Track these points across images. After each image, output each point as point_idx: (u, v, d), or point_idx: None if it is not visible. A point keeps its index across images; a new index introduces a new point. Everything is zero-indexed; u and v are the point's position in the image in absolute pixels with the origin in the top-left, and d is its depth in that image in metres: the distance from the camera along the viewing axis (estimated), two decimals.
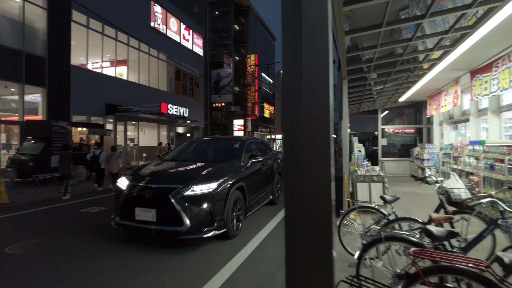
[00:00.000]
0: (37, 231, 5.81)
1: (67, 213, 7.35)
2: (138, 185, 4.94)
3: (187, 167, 5.76)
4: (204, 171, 5.28)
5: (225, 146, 7.16)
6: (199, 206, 4.67)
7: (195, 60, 28.01)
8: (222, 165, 5.67)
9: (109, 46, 18.68)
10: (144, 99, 20.71)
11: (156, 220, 4.63)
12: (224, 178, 5.10)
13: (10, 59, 13.26)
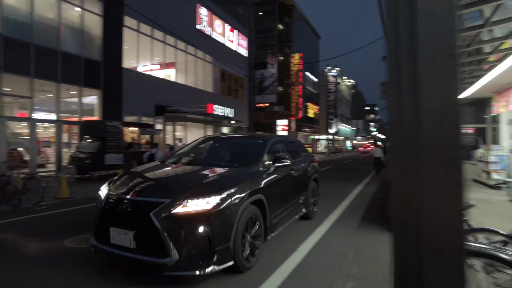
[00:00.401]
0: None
1: None
2: (115, 196, 3.70)
3: (187, 173, 4.40)
4: (205, 180, 3.90)
5: (242, 146, 5.51)
6: (193, 230, 3.30)
7: (239, 61, 28.25)
8: (233, 171, 4.15)
9: (158, 49, 19.39)
10: (191, 100, 21.23)
11: (134, 246, 3.35)
12: (232, 190, 3.63)
13: (72, 64, 14.22)
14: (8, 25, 12.10)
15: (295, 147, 6.30)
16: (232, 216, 3.54)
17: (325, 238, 5.10)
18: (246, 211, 3.72)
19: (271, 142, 5.10)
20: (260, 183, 4.13)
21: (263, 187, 4.16)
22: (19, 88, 13.02)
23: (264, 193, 4.14)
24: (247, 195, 3.79)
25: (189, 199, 3.39)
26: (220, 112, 21.22)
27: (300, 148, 6.62)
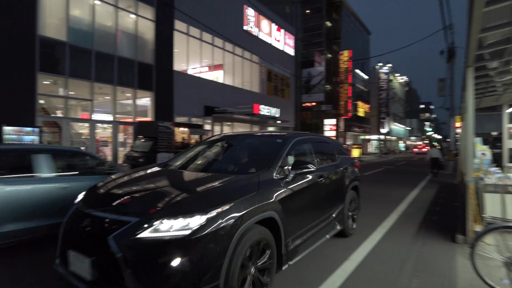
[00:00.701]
0: None
1: None
2: (80, 211, 2.92)
3: (176, 181, 3.48)
4: (192, 192, 2.94)
5: (256, 147, 4.33)
6: (166, 263, 2.35)
7: (286, 60, 28.02)
8: (235, 180, 3.13)
9: (207, 51, 19.86)
10: (238, 100, 21.47)
11: (91, 278, 2.52)
12: (226, 206, 2.66)
13: (127, 68, 15.08)
14: (73, 34, 13.12)
15: (328, 149, 5.09)
16: (224, 243, 2.53)
17: (380, 246, 4.75)
18: (248, 234, 2.72)
19: (292, 142, 3.96)
20: (272, 196, 3.10)
21: (276, 201, 3.13)
22: (82, 92, 14.08)
23: (278, 209, 3.13)
24: (250, 213, 2.77)
25: (162, 219, 2.43)
26: (266, 112, 21.19)
27: (336, 149, 5.29)
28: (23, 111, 11.47)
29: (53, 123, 14.23)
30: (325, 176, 4.28)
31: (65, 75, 12.77)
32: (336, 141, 5.97)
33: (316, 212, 4.08)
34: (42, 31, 12.07)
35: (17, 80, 11.33)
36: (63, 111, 13.74)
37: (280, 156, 3.60)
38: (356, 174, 5.53)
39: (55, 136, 14.06)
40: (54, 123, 14.19)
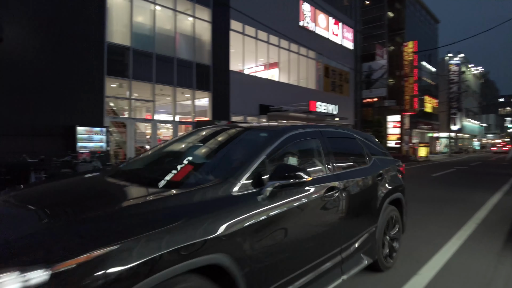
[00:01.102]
0: None
1: None
2: None
3: (73, 200, 2.14)
4: (57, 223, 1.69)
5: (226, 144, 3.06)
6: None
7: (344, 54, 26.82)
8: (148, 200, 1.98)
9: (262, 49, 19.75)
10: (294, 98, 21.03)
11: None
12: (96, 252, 1.37)
13: (185, 70, 15.56)
14: (136, 39, 13.88)
15: (352, 147, 3.56)
16: None
17: (456, 258, 4.03)
18: None
19: (284, 138, 2.62)
20: (220, 227, 1.81)
21: (232, 235, 1.85)
22: (144, 93, 14.84)
23: (236, 249, 1.88)
24: (162, 260, 1.53)
25: None
26: (324, 110, 20.42)
27: (366, 147, 3.69)
28: (93, 112, 12.39)
29: (120, 123, 15.23)
30: (341, 187, 2.84)
31: (129, 78, 13.55)
32: (367, 136, 4.06)
33: (321, 245, 2.63)
34: (109, 38, 12.94)
35: (87, 84, 12.26)
36: (128, 112, 14.60)
37: (253, 159, 2.27)
38: (398, 183, 3.97)
39: (122, 136, 15.05)
40: (121, 123, 15.18)
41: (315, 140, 2.97)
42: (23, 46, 10.92)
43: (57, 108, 11.53)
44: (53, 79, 11.45)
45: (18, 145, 10.44)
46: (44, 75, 11.26)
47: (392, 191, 3.73)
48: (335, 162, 2.99)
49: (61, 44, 11.61)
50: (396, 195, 3.83)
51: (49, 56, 11.41)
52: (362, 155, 3.58)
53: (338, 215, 2.80)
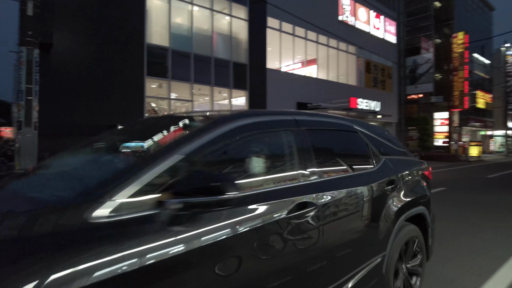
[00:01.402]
0: None
1: None
2: None
3: None
4: None
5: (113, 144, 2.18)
6: None
7: (387, 49, 25.54)
8: None
9: (299, 46, 19.31)
10: (333, 95, 20.38)
11: None
12: None
13: (223, 69, 15.60)
14: (174, 39, 14.13)
15: (350, 143, 2.57)
16: None
17: None
18: None
19: (224, 130, 1.68)
20: None
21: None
22: (183, 93, 15.08)
23: None
24: None
25: None
26: (365, 106, 19.53)
27: (372, 143, 2.62)
28: (134, 112, 12.76)
29: None
30: (321, 202, 1.87)
31: (168, 78, 13.82)
32: (377, 128, 2.96)
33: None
34: (149, 39, 13.28)
35: (129, 85, 12.67)
36: (167, 112, 14.90)
37: (152, 162, 1.41)
38: (421, 192, 2.89)
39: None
40: None
41: (286, 133, 1.99)
42: (70, 50, 11.51)
43: (102, 109, 12.01)
44: (97, 81, 11.96)
45: (64, 145, 10.98)
46: (89, 77, 11.78)
47: (411, 205, 2.65)
48: (317, 166, 2.02)
49: (104, 47, 12.09)
50: (418, 209, 2.73)
51: (93, 59, 11.94)
52: (365, 155, 2.54)
53: (313, 247, 1.79)
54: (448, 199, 8.27)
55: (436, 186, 10.69)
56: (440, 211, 6.61)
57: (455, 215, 6.23)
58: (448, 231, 4.91)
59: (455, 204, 7.40)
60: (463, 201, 7.83)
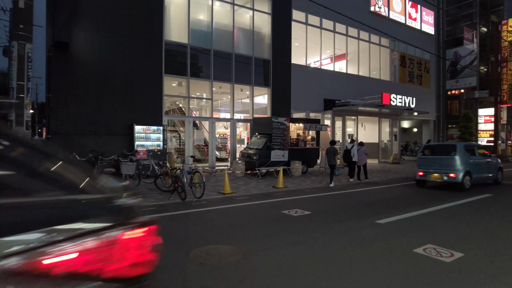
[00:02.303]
0: (235, 229, 5.40)
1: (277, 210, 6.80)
2: None
3: None
4: None
5: None
6: None
7: (424, 40, 23.64)
8: None
9: (327, 40, 18.21)
10: (364, 91, 19.12)
11: None
12: None
13: (244, 65, 14.97)
14: (194, 36, 13.68)
15: None
16: None
17: None
18: None
19: None
20: None
21: None
22: (203, 91, 14.65)
23: None
24: None
25: None
26: (399, 103, 18.06)
27: None
28: (152, 111, 12.46)
29: (183, 122, 15.32)
30: None
31: (187, 76, 13.40)
32: None
33: None
34: (167, 36, 12.93)
35: (147, 83, 12.37)
36: (186, 111, 14.52)
37: None
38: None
39: (182, 134, 15.10)
40: (183, 122, 15.24)
41: None
42: (86, 48, 11.37)
43: (119, 107, 11.82)
44: (115, 80, 11.76)
45: (87, 144, 10.89)
46: (107, 76, 11.61)
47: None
48: None
49: (124, 45, 11.88)
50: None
51: (110, 58, 11.74)
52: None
53: None
54: (496, 206, 7.14)
55: (479, 192, 9.38)
56: (486, 228, 5.54)
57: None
58: None
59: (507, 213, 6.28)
60: None
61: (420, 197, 8.98)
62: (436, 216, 6.51)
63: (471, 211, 7.15)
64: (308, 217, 6.31)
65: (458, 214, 6.72)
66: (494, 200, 8.56)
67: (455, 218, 6.35)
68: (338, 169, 11.50)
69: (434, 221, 6.06)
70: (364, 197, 9.04)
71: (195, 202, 7.91)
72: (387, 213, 6.59)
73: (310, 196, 8.93)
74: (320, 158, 14.69)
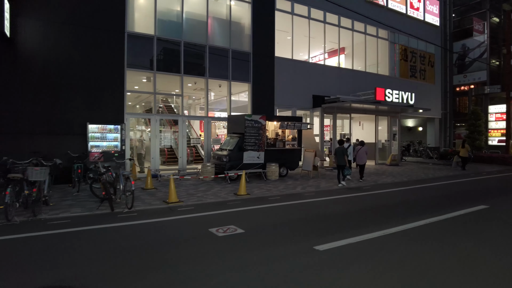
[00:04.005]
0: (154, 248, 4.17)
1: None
2: None
3: None
4: None
5: None
6: None
7: (427, 32, 21.89)
8: None
9: (317, 31, 16.77)
10: (359, 87, 17.61)
11: None
12: None
13: (219, 58, 13.74)
14: (161, 26, 12.52)
15: None
16: None
17: None
18: None
19: None
20: None
21: None
22: (172, 87, 13.48)
23: None
24: None
25: None
26: (395, 99, 16.48)
27: None
28: (112, 108, 11.35)
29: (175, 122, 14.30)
30: None
31: (153, 70, 12.26)
32: None
33: None
34: (130, 27, 11.81)
35: (107, 78, 11.28)
36: (153, 109, 13.38)
37: None
38: None
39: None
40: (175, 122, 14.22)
41: None
42: (40, 41, 10.34)
43: (80, 105, 10.79)
44: (70, 74, 10.71)
45: (35, 145, 9.88)
46: (60, 70, 10.56)
47: None
48: None
49: (81, 37, 10.84)
50: None
51: (65, 50, 10.69)
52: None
53: None
54: (490, 221, 5.68)
55: (474, 203, 7.85)
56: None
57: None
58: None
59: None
60: None
61: (398, 208, 7.56)
62: (401, 239, 5.12)
63: (451, 229, 5.72)
64: (235, 238, 5.03)
65: (433, 236, 5.31)
66: (490, 214, 7.07)
67: (427, 242, 4.96)
68: (348, 169, 10.91)
69: (394, 247, 4.69)
70: (330, 207, 7.69)
71: (124, 213, 6.73)
72: (341, 233, 5.25)
73: (269, 206, 7.64)
74: (303, 159, 13.32)
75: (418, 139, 24.12)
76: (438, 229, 5.67)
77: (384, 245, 4.71)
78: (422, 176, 13.37)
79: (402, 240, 4.97)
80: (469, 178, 13.14)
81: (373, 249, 4.53)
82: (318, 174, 12.76)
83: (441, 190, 10.19)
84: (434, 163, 19.52)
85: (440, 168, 16.59)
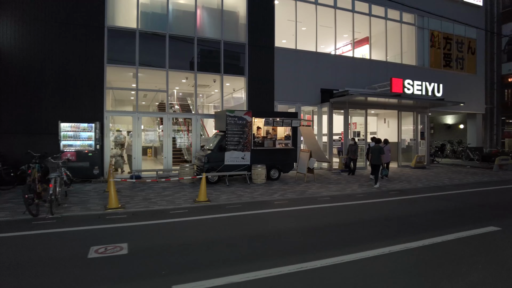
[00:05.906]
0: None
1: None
2: None
3: None
4: None
5: None
6: None
7: (467, 14, 18.96)
8: None
9: (325, 15, 15.06)
10: (378, 79, 15.57)
11: None
12: None
13: (210, 51, 12.78)
14: (144, 19, 11.84)
15: None
16: None
17: None
18: None
19: None
20: None
21: None
22: (159, 82, 12.77)
23: None
24: None
25: None
26: (418, 91, 14.25)
27: None
28: (92, 105, 10.88)
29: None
30: None
31: (135, 65, 11.62)
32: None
33: None
34: (110, 21, 11.27)
35: (86, 75, 10.85)
36: (135, 106, 12.73)
37: None
38: None
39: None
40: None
41: None
42: (12, 38, 10.14)
43: (56, 103, 10.49)
44: (47, 71, 10.41)
45: (16, 143, 9.72)
46: (36, 66, 10.29)
47: None
48: None
49: (58, 33, 10.53)
50: None
51: (45, 48, 10.43)
52: None
53: None
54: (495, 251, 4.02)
55: (482, 222, 5.95)
56: None
57: None
58: None
59: None
60: None
61: (376, 228, 5.97)
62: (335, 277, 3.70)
63: (442, 263, 4.13)
64: (107, 261, 3.97)
65: (409, 269, 3.80)
66: (498, 239, 5.26)
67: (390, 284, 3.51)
68: (385, 169, 10.82)
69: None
70: (279, 223, 6.32)
71: (47, 219, 6.03)
72: (232, 266, 3.96)
73: (211, 217, 6.47)
74: (298, 160, 11.86)
75: (458, 138, 21.15)
76: (418, 258, 4.11)
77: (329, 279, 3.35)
78: (444, 182, 11.25)
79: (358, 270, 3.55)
80: (506, 186, 10.81)
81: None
82: (314, 177, 11.22)
83: (453, 201, 8.22)
84: (473, 165, 16.79)
85: (475, 172, 14.08)
